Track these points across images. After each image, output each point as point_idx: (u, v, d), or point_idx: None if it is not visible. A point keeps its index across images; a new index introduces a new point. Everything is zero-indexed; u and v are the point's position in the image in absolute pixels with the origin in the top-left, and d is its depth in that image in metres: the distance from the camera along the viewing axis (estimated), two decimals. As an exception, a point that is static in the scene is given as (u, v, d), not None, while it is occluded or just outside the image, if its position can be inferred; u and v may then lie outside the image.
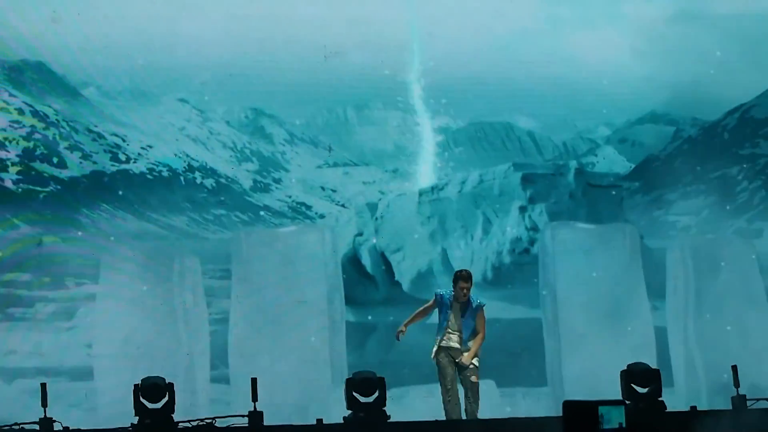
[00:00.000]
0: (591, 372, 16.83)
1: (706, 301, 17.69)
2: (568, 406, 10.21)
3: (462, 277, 16.18)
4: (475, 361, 15.93)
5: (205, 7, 31.86)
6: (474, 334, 15.89)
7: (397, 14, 32.32)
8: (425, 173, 33.07)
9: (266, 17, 31.84)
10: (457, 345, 15.93)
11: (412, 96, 32.91)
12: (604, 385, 16.07)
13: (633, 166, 35.13)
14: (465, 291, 15.95)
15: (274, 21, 31.89)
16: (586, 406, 9.91)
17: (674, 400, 16.78)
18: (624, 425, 9.79)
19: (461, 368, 15.90)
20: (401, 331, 15.86)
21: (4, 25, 31.40)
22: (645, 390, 15.61)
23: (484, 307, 16.09)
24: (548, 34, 32.29)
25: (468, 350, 15.90)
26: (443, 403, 15.71)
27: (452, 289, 16.14)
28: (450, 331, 15.98)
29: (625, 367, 15.83)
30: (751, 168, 33.46)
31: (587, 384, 16.73)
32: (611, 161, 35.23)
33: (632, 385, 15.62)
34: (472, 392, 15.92)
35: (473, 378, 15.89)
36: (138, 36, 31.47)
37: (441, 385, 15.76)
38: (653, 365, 16.31)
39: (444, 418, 15.59)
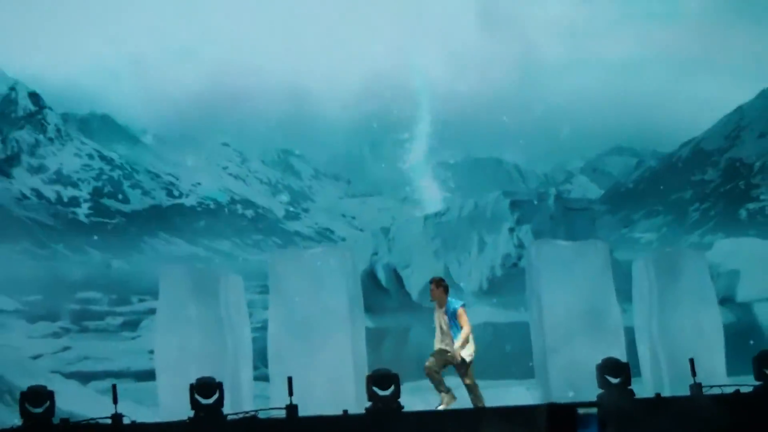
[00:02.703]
0: (572, 366, 16.77)
1: (667, 304, 17.63)
2: (552, 409, 10.21)
3: (429, 282, 16.64)
4: (464, 354, 16.13)
5: (241, 66, 31.98)
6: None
7: (404, 69, 32.42)
8: (429, 201, 33.12)
9: (293, 73, 31.97)
10: (444, 347, 16.20)
11: (418, 137, 32.98)
12: (583, 377, 16.06)
13: (603, 191, 35.14)
14: (431, 293, 16.36)
15: (299, 76, 32.05)
16: (566, 409, 9.92)
17: (641, 388, 16.76)
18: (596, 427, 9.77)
19: (457, 369, 16.15)
20: None
21: (75, 84, 31.55)
22: (617, 380, 15.58)
23: (459, 308, 16.34)
24: (529, 83, 32.36)
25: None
26: None
27: None
28: (438, 335, 16.34)
29: (600, 361, 15.81)
30: (701, 192, 33.45)
31: (569, 376, 16.70)
32: (585, 188, 35.24)
33: (606, 376, 15.59)
34: (471, 393, 16.07)
35: (466, 380, 16.08)
36: (187, 91, 31.63)
37: None
38: (623, 359, 16.27)
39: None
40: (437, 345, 16.38)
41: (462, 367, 16.30)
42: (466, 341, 16.40)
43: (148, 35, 31.86)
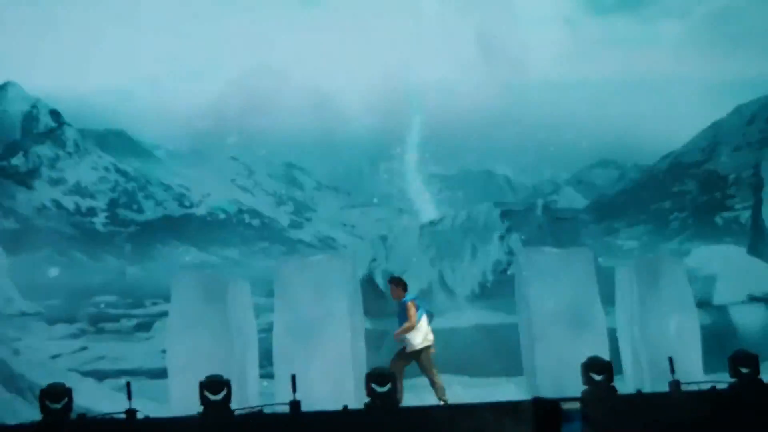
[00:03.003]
0: (558, 364, 16.80)
1: (648, 307, 17.65)
2: (537, 402, 10.24)
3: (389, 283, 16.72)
4: (408, 345, 16.23)
5: (247, 87, 32.06)
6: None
7: (401, 87, 32.49)
8: (424, 211, 33.09)
9: (296, 92, 32.00)
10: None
11: (414, 151, 33.01)
12: (568, 375, 16.08)
13: (588, 202, 35.09)
14: (391, 293, 16.49)
15: (302, 93, 32.05)
16: (550, 404, 9.97)
17: (623, 385, 16.78)
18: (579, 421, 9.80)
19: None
20: None
21: (92, 102, 31.59)
22: (600, 377, 15.61)
23: (408, 302, 16.38)
24: (518, 101, 32.40)
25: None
26: None
27: None
28: None
29: (585, 360, 15.83)
30: (680, 202, 33.48)
31: (555, 374, 16.73)
32: (570, 199, 35.14)
33: (590, 374, 15.62)
34: (432, 387, 16.17)
35: (426, 374, 16.18)
36: (197, 109, 31.64)
37: None
38: (606, 358, 16.29)
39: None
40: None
41: (418, 362, 16.42)
42: (405, 331, 16.47)
43: (160, 57, 31.98)
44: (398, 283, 16.93)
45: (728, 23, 33.66)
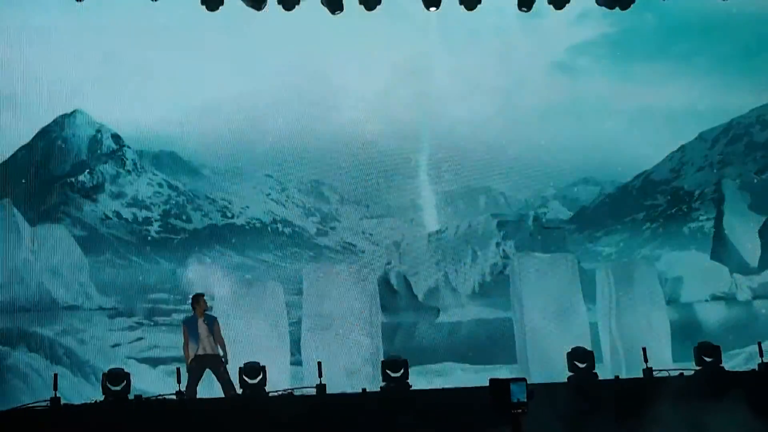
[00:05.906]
0: (546, 353, 16.76)
1: (624, 304, 17.64)
2: (492, 382, 10.24)
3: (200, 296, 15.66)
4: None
5: (280, 114, 32.12)
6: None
7: (412, 116, 32.53)
8: (431, 222, 33.04)
9: (322, 118, 32.02)
10: (207, 352, 15.41)
11: (423, 169, 32.99)
12: (556, 363, 16.01)
13: (572, 214, 35.01)
14: (202, 305, 15.53)
15: (328, 120, 32.07)
16: (503, 382, 9.98)
17: (603, 371, 16.72)
18: (525, 396, 9.82)
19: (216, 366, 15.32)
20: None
21: (148, 127, 31.66)
22: (583, 365, 15.53)
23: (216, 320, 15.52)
24: (512, 128, 32.40)
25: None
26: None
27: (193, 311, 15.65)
28: (197, 343, 15.43)
29: (570, 350, 15.75)
30: (651, 214, 33.38)
31: (544, 361, 16.68)
32: (557, 211, 35.05)
33: (575, 361, 15.55)
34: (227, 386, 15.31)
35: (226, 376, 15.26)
36: (237, 133, 31.69)
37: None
38: (588, 348, 16.22)
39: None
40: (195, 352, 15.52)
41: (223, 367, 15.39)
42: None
43: (206, 90, 32.06)
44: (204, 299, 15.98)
45: (693, 62, 33.71)
